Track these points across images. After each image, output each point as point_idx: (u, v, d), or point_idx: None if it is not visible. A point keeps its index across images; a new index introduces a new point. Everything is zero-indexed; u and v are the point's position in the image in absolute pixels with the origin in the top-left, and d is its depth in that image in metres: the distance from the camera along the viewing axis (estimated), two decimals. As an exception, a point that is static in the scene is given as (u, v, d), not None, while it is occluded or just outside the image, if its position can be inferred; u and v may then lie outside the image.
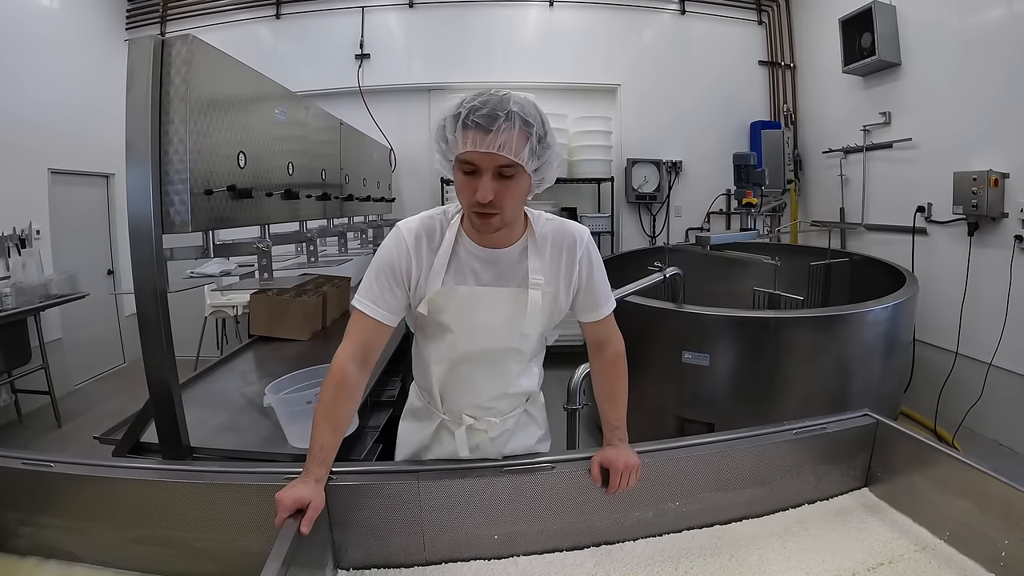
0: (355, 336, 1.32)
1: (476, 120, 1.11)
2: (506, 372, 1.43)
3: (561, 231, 1.36)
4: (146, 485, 1.41)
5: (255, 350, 3.16)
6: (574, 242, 1.36)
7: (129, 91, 1.61)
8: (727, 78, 5.87)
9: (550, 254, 1.34)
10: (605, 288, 1.43)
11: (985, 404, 3.64)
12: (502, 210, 1.18)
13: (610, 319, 1.47)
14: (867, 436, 1.65)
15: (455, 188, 1.23)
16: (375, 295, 1.31)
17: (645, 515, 1.46)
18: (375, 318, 1.30)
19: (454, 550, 1.38)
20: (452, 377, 1.43)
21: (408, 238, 1.31)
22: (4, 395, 4.36)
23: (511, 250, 1.33)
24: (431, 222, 1.33)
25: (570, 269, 1.36)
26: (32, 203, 4.63)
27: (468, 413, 1.45)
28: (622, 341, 1.50)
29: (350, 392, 1.29)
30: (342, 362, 1.29)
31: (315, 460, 1.22)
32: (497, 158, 1.12)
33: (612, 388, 1.48)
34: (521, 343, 1.39)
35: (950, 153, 3.87)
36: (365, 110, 5.47)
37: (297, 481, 1.20)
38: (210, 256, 1.92)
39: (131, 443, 1.90)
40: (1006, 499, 1.26)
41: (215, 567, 1.33)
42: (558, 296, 1.36)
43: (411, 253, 1.30)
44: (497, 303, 1.32)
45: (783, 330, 2.85)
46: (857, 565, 1.35)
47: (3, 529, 1.42)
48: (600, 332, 1.47)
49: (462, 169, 1.17)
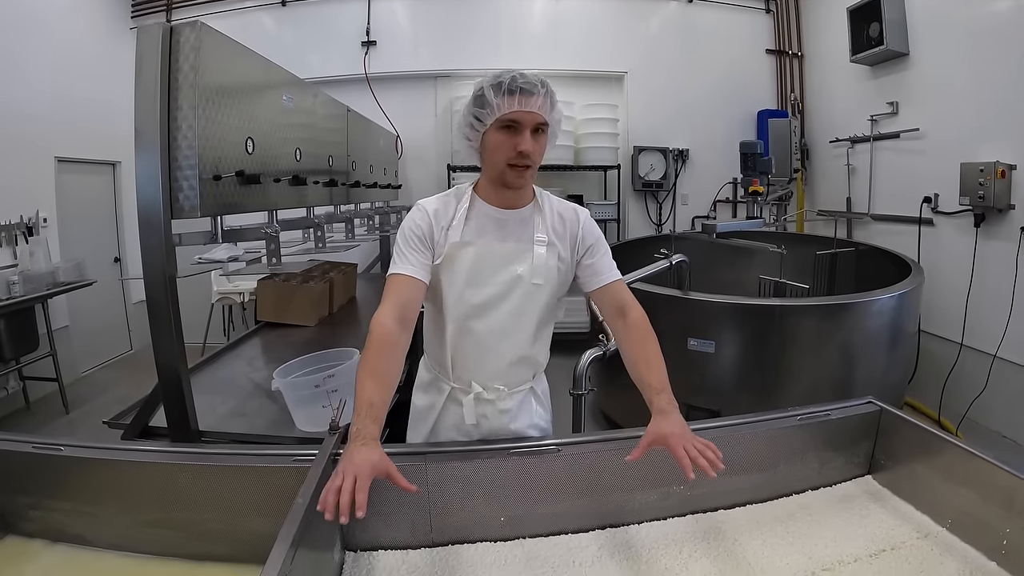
0: (391, 297, 1.39)
1: (522, 86, 1.35)
2: (513, 331, 1.50)
3: (562, 204, 1.58)
4: (155, 468, 1.42)
5: (262, 336, 3.17)
6: (575, 214, 1.56)
7: (138, 78, 1.61)
8: (734, 67, 5.83)
9: (552, 219, 1.53)
10: (609, 259, 1.56)
11: (989, 396, 3.64)
12: (534, 163, 1.40)
13: (623, 287, 1.55)
14: (871, 424, 1.65)
15: (490, 149, 1.41)
16: (405, 258, 1.43)
17: (649, 499, 1.47)
18: (408, 275, 1.41)
19: (461, 532, 1.39)
20: (463, 341, 1.50)
21: (429, 209, 1.48)
22: (12, 382, 4.40)
23: (521, 211, 1.51)
24: (447, 198, 1.52)
25: (573, 236, 1.54)
26: (39, 191, 4.64)
27: (477, 381, 1.52)
28: (641, 308, 1.53)
29: (392, 348, 1.32)
30: (380, 322, 1.34)
31: (368, 417, 1.18)
32: (536, 116, 1.37)
33: (644, 350, 1.45)
34: (529, 299, 1.49)
35: (957, 144, 3.84)
36: (372, 97, 5.47)
37: (358, 445, 1.12)
38: (218, 241, 1.93)
39: (140, 427, 1.92)
40: (1008, 488, 1.26)
41: (224, 549, 1.35)
42: (562, 255, 1.52)
43: (432, 220, 1.46)
44: (507, 256, 1.47)
45: (788, 318, 2.85)
46: (859, 551, 1.35)
47: (13, 513, 1.44)
48: (616, 297, 1.53)
49: (504, 128, 1.37)
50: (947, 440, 1.46)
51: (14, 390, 4.42)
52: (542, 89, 1.37)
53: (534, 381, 1.64)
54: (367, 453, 1.10)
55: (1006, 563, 1.25)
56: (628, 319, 1.50)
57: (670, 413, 1.31)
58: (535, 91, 1.36)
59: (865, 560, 1.33)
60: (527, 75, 1.38)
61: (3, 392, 4.34)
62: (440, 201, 1.50)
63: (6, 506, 1.44)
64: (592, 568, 1.30)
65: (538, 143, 1.40)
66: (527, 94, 1.35)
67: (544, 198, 1.56)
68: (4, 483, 1.42)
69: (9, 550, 1.41)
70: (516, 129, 1.37)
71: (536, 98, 1.36)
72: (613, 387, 3.36)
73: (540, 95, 1.36)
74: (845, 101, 5.14)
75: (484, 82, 1.39)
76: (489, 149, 1.42)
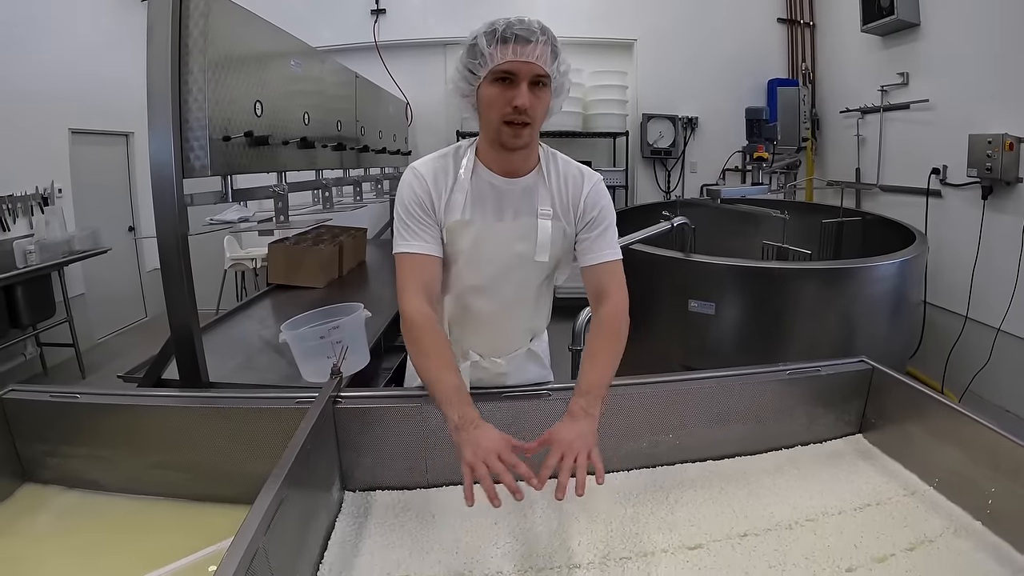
0: (413, 280, 1.32)
1: (517, 32, 1.21)
2: (513, 307, 1.48)
3: (569, 166, 1.44)
4: (166, 411, 1.49)
5: (273, 297, 3.25)
6: (581, 181, 1.42)
7: (149, 43, 1.66)
8: (745, 35, 5.78)
9: (559, 187, 1.40)
10: (609, 235, 1.43)
11: (993, 369, 3.65)
12: (533, 120, 1.26)
13: (612, 270, 1.42)
14: (862, 382, 1.66)
15: (484, 104, 1.28)
16: (413, 233, 1.33)
17: (639, 446, 1.51)
18: (421, 253, 1.32)
19: (455, 473, 1.40)
20: (461, 312, 1.48)
21: (427, 175, 1.35)
22: (30, 348, 4.54)
23: (525, 179, 1.38)
24: (444, 160, 1.38)
25: (576, 203, 1.41)
26: (54, 163, 4.73)
27: (475, 350, 1.51)
28: (625, 300, 1.41)
29: (440, 332, 1.29)
30: (414, 308, 1.28)
31: (463, 403, 1.17)
32: (534, 67, 1.22)
33: (596, 345, 1.35)
34: (530, 275, 1.43)
35: (967, 115, 3.81)
36: (382, 65, 5.47)
37: (473, 431, 1.12)
38: (228, 200, 1.99)
39: (153, 379, 2.00)
40: (994, 447, 1.27)
41: (232, 490, 1.39)
42: (567, 230, 1.42)
43: (430, 187, 1.34)
44: (509, 236, 1.38)
45: (788, 281, 2.86)
46: (844, 504, 1.38)
47: (31, 461, 1.51)
48: (600, 280, 1.41)
49: (498, 80, 1.24)
50: (936, 399, 1.46)
51: (31, 356, 4.57)
52: (542, 36, 1.22)
53: (532, 343, 1.60)
54: (488, 432, 1.12)
55: (991, 523, 1.27)
56: (601, 310, 1.39)
57: (579, 419, 1.21)
58: (532, 38, 1.21)
59: (849, 513, 1.35)
60: (526, 21, 1.23)
61: (21, 358, 4.49)
62: (437, 163, 1.38)
63: (24, 454, 1.50)
64: (580, 509, 1.36)
65: (538, 98, 1.25)
66: (523, 42, 1.21)
67: (551, 161, 1.42)
68: (22, 432, 1.49)
69: (26, 498, 1.47)
70: (512, 81, 1.23)
71: (533, 46, 1.21)
72: None
73: (538, 43, 1.21)
74: (856, 71, 5.09)
75: (479, 28, 1.26)
76: (484, 104, 1.28)
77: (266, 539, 0.96)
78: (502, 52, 1.21)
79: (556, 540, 1.27)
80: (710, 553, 1.22)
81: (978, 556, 1.19)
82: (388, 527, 1.32)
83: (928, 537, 1.25)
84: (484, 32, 1.24)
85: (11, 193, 4.28)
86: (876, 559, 1.20)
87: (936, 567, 1.17)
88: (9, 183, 4.25)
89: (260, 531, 0.94)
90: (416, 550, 1.24)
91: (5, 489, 1.47)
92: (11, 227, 4.29)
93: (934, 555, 1.20)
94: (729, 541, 1.26)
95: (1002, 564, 1.16)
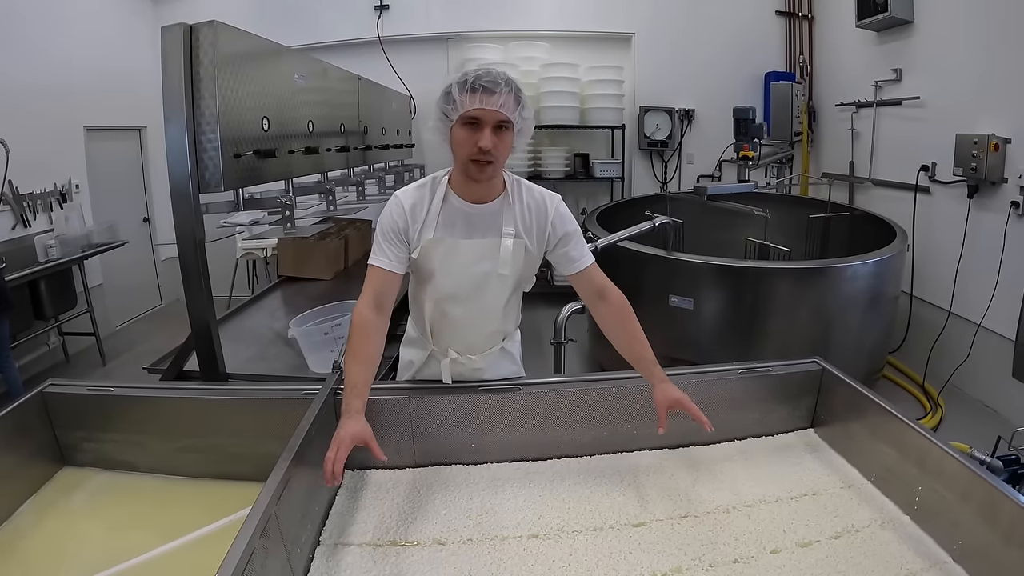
0: (369, 287, 1.54)
1: (483, 84, 1.39)
2: (484, 313, 1.67)
3: (533, 194, 1.62)
4: (190, 402, 1.70)
5: (282, 289, 3.45)
6: (545, 206, 1.61)
7: (164, 72, 1.82)
8: (743, 28, 5.81)
9: (522, 212, 1.59)
10: (581, 247, 1.64)
11: (972, 364, 3.69)
12: (496, 159, 1.45)
13: (597, 270, 1.64)
14: (813, 381, 1.80)
15: (454, 143, 1.47)
16: (382, 251, 1.55)
17: (600, 434, 1.70)
18: (384, 268, 1.54)
19: (438, 455, 1.66)
20: (439, 317, 1.67)
21: (405, 203, 1.56)
22: (53, 338, 4.71)
23: (491, 205, 1.58)
24: (423, 190, 1.58)
25: (542, 226, 1.60)
26: (70, 160, 4.88)
27: (453, 348, 1.71)
28: (617, 288, 1.64)
29: (370, 333, 1.50)
30: (359, 310, 1.51)
31: (353, 395, 1.41)
32: (497, 114, 1.41)
33: (633, 329, 1.60)
34: (497, 287, 1.61)
35: (956, 114, 3.84)
36: (385, 60, 5.59)
37: (345, 419, 1.37)
38: (240, 209, 2.18)
39: (176, 372, 2.21)
40: (921, 448, 1.39)
41: (247, 469, 1.59)
42: (529, 247, 1.60)
43: (407, 216, 1.55)
44: (475, 252, 1.57)
45: (762, 280, 3.01)
46: (782, 493, 1.51)
47: (69, 446, 1.72)
48: (594, 281, 1.63)
49: (467, 124, 1.42)
50: (874, 400, 1.59)
51: (55, 345, 4.74)
52: (505, 88, 1.40)
53: (505, 342, 1.80)
54: (350, 426, 1.35)
55: (917, 517, 1.38)
56: (609, 301, 1.62)
57: (669, 381, 1.54)
58: (496, 89, 1.39)
59: (785, 501, 1.49)
60: (492, 73, 1.42)
61: (45, 347, 4.66)
62: (417, 193, 1.57)
63: (64, 440, 1.71)
64: (545, 488, 1.56)
65: (501, 140, 1.44)
66: (488, 92, 1.39)
67: (515, 189, 1.60)
68: (62, 420, 1.70)
69: (66, 479, 1.68)
70: (477, 125, 1.42)
71: (497, 96, 1.39)
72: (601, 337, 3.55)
73: (502, 93, 1.40)
74: (852, 65, 5.11)
75: (453, 78, 1.44)
76: (454, 143, 1.47)
77: (277, 508, 1.17)
78: (470, 100, 1.40)
79: (520, 514, 1.47)
80: (651, 531, 1.41)
81: (899, 547, 1.31)
82: (380, 500, 1.53)
83: (855, 527, 1.39)
84: (457, 82, 1.43)
85: (31, 191, 4.44)
86: (800, 544, 1.34)
87: (855, 555, 1.30)
88: (29, 181, 4.40)
89: (272, 501, 1.15)
90: (403, 520, 1.45)
91: (46, 472, 1.68)
92: (32, 223, 4.45)
93: (856, 544, 1.33)
94: (670, 521, 1.44)
95: (920, 555, 1.28)
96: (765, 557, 1.31)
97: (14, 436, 1.58)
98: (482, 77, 1.40)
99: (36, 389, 1.69)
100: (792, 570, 1.27)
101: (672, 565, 1.29)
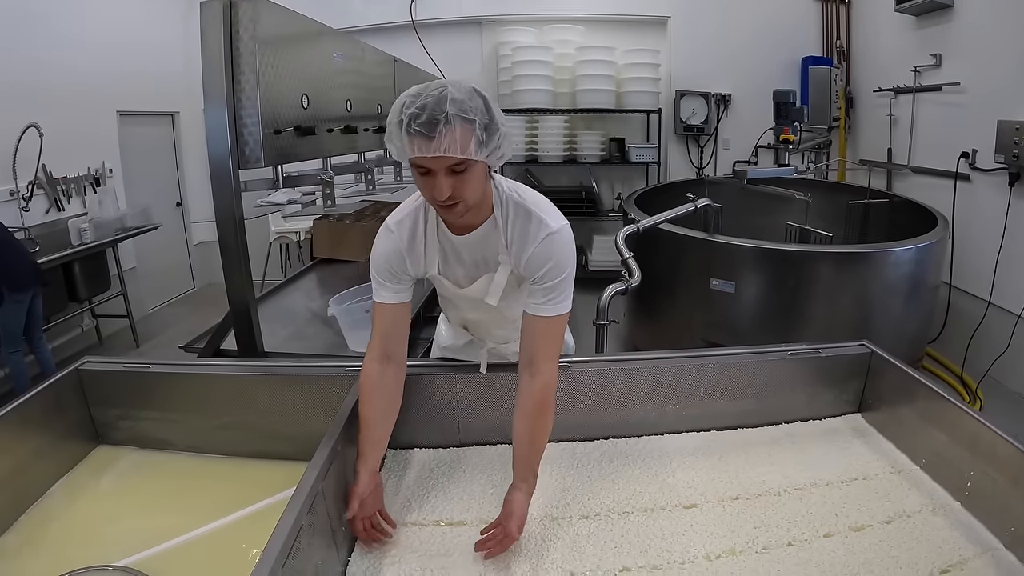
0: (376, 333, 1.41)
1: (417, 128, 1.10)
2: (509, 320, 1.53)
3: (528, 219, 1.33)
4: (230, 379, 1.69)
5: (318, 271, 3.45)
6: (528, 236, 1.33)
7: (204, 50, 1.80)
8: (780, 12, 5.71)
9: (511, 235, 1.34)
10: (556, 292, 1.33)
11: (1012, 356, 3.63)
12: (463, 199, 1.19)
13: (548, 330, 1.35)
14: (861, 365, 1.76)
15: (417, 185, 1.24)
16: (380, 284, 1.39)
17: (648, 415, 1.68)
18: (389, 303, 1.39)
19: (484, 435, 1.65)
20: (469, 322, 1.63)
21: (398, 232, 1.37)
22: (87, 320, 4.80)
23: (477, 232, 1.35)
24: (415, 215, 1.37)
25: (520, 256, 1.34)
26: (104, 144, 4.94)
27: (490, 340, 1.65)
28: (554, 375, 1.37)
29: (372, 392, 1.39)
30: (364, 367, 1.40)
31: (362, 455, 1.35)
32: (445, 159, 1.13)
33: (535, 429, 1.35)
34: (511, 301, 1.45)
35: (997, 100, 3.74)
36: (419, 44, 5.56)
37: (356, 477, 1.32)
38: (279, 187, 2.17)
39: (213, 349, 2.21)
40: (973, 432, 1.35)
41: (286, 447, 1.60)
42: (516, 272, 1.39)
43: (404, 247, 1.37)
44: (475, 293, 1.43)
45: (805, 264, 2.95)
46: (832, 477, 1.49)
47: (104, 424, 1.71)
48: (533, 342, 1.35)
49: (417, 170, 1.18)
50: (926, 384, 1.55)
51: (88, 327, 4.83)
52: (446, 127, 1.09)
53: None
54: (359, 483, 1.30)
55: (968, 503, 1.35)
56: (534, 381, 1.34)
57: (522, 489, 1.31)
58: (434, 131, 1.09)
59: (836, 485, 1.47)
60: (427, 108, 1.10)
61: (78, 329, 4.75)
62: (406, 222, 1.37)
63: (99, 418, 1.70)
64: (593, 469, 1.54)
65: (461, 181, 1.16)
66: (424, 138, 1.10)
67: (507, 206, 1.33)
68: (98, 398, 1.69)
69: (101, 458, 1.67)
70: (430, 173, 1.16)
71: (438, 140, 1.10)
72: (639, 319, 3.59)
73: (442, 135, 1.10)
74: (889, 50, 5.00)
75: (393, 114, 1.16)
76: (416, 185, 1.23)
77: (324, 484, 1.17)
78: (410, 146, 1.13)
79: (569, 495, 1.45)
80: (703, 512, 1.39)
81: (950, 533, 1.29)
82: (424, 479, 1.52)
83: (907, 512, 1.36)
84: (395, 121, 1.15)
85: (65, 175, 4.50)
86: (853, 528, 1.32)
87: (908, 540, 1.28)
88: (63, 165, 4.45)
89: (319, 478, 1.15)
90: (448, 498, 1.44)
91: (82, 450, 1.67)
92: (66, 207, 4.52)
93: (908, 529, 1.31)
94: (721, 503, 1.42)
95: (971, 542, 1.26)
96: (818, 541, 1.30)
97: (49, 414, 1.56)
98: (416, 117, 1.10)
99: (72, 366, 1.67)
100: (846, 554, 1.25)
101: (726, 547, 1.27)
